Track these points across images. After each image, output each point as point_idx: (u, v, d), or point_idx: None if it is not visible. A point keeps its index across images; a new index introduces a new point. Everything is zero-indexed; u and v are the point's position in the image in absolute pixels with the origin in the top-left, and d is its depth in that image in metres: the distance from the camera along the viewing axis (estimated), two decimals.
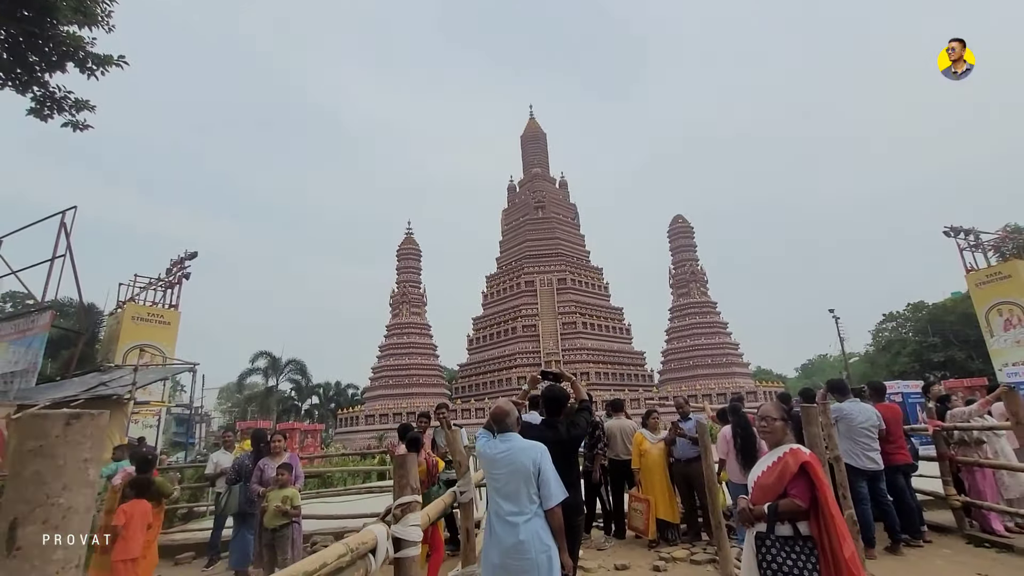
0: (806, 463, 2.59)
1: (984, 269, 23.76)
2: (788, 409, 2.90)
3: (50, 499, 0.60)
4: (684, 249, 50.31)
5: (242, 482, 5.62)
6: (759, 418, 2.84)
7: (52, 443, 0.63)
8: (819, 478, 2.54)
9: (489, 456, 3.01)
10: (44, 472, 0.61)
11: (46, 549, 0.58)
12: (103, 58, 11.91)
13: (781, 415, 2.84)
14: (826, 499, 2.49)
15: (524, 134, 62.72)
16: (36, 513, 0.58)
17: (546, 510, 2.84)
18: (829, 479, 2.60)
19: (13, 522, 0.57)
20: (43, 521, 0.58)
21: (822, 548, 2.45)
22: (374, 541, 1.58)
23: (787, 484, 2.60)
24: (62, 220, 15.34)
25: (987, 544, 5.31)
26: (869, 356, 53.77)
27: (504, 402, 3.30)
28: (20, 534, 0.57)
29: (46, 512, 0.59)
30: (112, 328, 21.00)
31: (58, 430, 0.65)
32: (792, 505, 2.55)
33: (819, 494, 2.51)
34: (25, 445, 0.61)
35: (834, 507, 2.49)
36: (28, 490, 0.59)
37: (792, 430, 2.82)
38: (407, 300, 48.22)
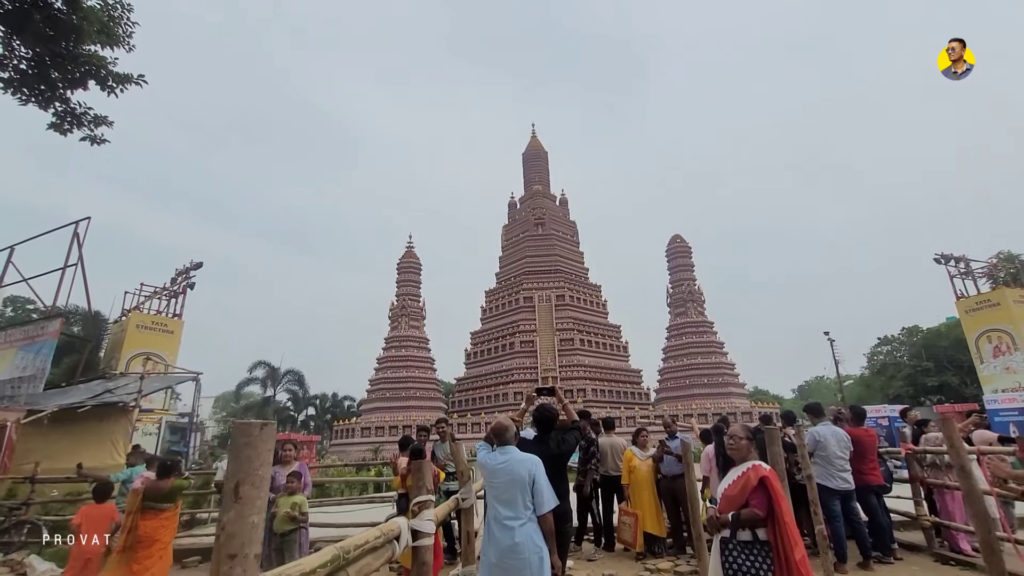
0: (764, 477, 2.98)
1: (974, 296, 24.28)
2: (755, 430, 3.28)
3: (254, 470, 1.02)
4: (682, 268, 50.87)
5: None
6: (727, 437, 3.23)
7: (255, 439, 1.04)
8: (775, 491, 2.92)
9: (489, 467, 3.38)
10: (251, 455, 1.03)
11: (253, 498, 1.00)
12: (123, 76, 12.49)
13: (746, 435, 3.24)
14: (781, 509, 2.87)
15: (526, 151, 63.71)
16: (248, 478, 1.01)
17: (539, 516, 3.21)
18: (787, 493, 2.97)
19: (237, 483, 0.99)
20: (251, 483, 1.00)
21: (776, 551, 2.83)
22: (399, 530, 1.96)
23: (748, 495, 2.99)
24: (75, 230, 15.82)
25: (952, 562, 5.65)
26: (864, 379, 54.05)
27: (504, 418, 3.70)
28: (242, 490, 0.99)
29: (252, 478, 1.01)
30: (116, 335, 21.35)
31: (256, 431, 1.07)
32: (751, 514, 2.93)
33: (775, 505, 2.89)
34: (240, 440, 1.04)
35: (787, 516, 2.87)
36: (243, 465, 1.01)
37: (756, 448, 3.21)
38: (406, 313, 48.56)
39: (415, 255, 51.73)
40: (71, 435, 11.84)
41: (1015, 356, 21.99)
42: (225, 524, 1.01)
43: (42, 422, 10.98)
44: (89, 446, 11.99)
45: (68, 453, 11.13)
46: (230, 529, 1.00)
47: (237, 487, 1.02)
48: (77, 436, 11.88)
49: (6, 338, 15.58)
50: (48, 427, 11.28)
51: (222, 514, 1.03)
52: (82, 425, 12.12)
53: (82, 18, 10.20)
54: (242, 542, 1.00)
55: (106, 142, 13.46)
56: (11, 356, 14.69)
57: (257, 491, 1.03)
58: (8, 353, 14.85)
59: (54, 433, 11.49)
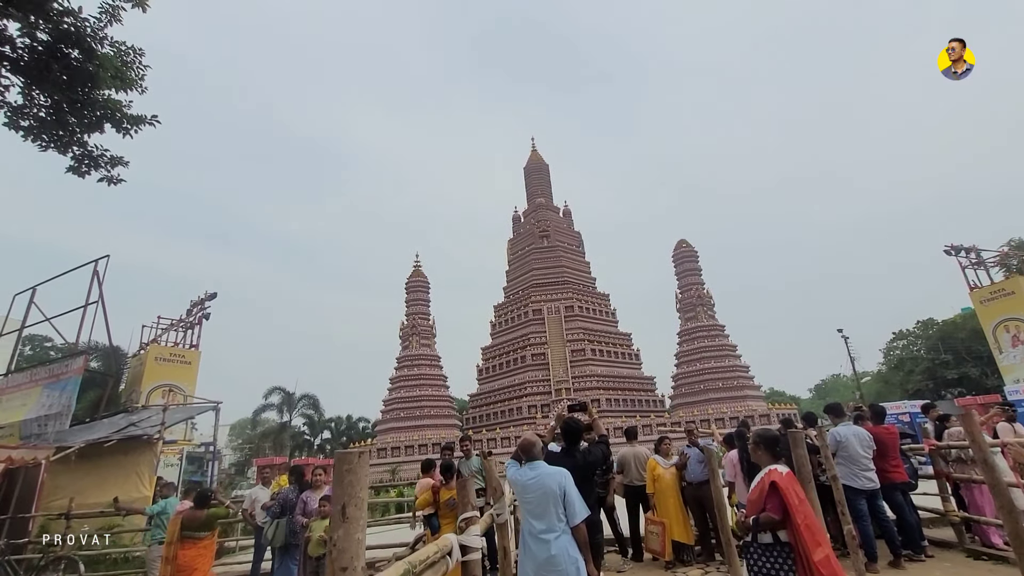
0: (773, 481, 3.09)
1: (988, 286, 24.04)
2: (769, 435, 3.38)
3: (356, 493, 1.18)
4: (690, 273, 50.83)
5: (287, 515, 6.08)
6: (750, 444, 3.35)
7: (355, 466, 1.20)
8: (784, 494, 3.01)
9: (520, 482, 3.50)
10: (352, 480, 1.19)
11: (357, 517, 1.16)
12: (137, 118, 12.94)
13: (756, 440, 3.36)
14: (793, 511, 2.95)
15: (527, 165, 64.36)
16: (351, 500, 1.17)
17: (572, 527, 3.31)
18: (804, 495, 3.02)
19: (343, 505, 1.15)
20: (355, 504, 1.16)
21: (797, 553, 2.92)
22: (450, 546, 2.09)
23: (764, 499, 3.10)
24: (95, 269, 16.20)
25: (985, 557, 5.64)
26: (882, 375, 53.33)
27: (530, 434, 3.83)
28: (348, 511, 1.14)
29: (355, 500, 1.17)
30: (135, 369, 21.68)
31: (355, 459, 1.23)
32: (767, 517, 3.05)
33: (788, 507, 2.98)
34: (342, 467, 1.20)
35: (801, 517, 2.93)
36: (347, 489, 1.17)
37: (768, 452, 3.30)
38: (417, 332, 48.77)
39: (423, 274, 52.10)
40: (98, 470, 12.04)
41: None
42: (336, 540, 1.16)
43: (70, 458, 11.18)
44: (116, 480, 12.18)
45: (96, 488, 11.31)
46: (341, 545, 1.15)
47: (344, 509, 1.17)
48: (104, 470, 12.07)
49: (31, 377, 15.90)
50: (75, 463, 11.47)
51: (332, 532, 1.18)
52: (108, 459, 12.32)
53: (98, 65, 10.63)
54: (351, 556, 1.14)
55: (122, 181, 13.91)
56: (36, 394, 14.97)
57: (359, 511, 1.18)
58: (34, 392, 15.14)
59: (81, 469, 11.69)
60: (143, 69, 12.58)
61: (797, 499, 3.00)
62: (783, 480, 3.07)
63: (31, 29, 9.72)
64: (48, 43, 10.26)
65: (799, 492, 3.05)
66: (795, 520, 2.94)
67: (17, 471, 10.07)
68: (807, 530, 2.91)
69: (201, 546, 5.78)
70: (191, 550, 5.78)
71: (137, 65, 12.33)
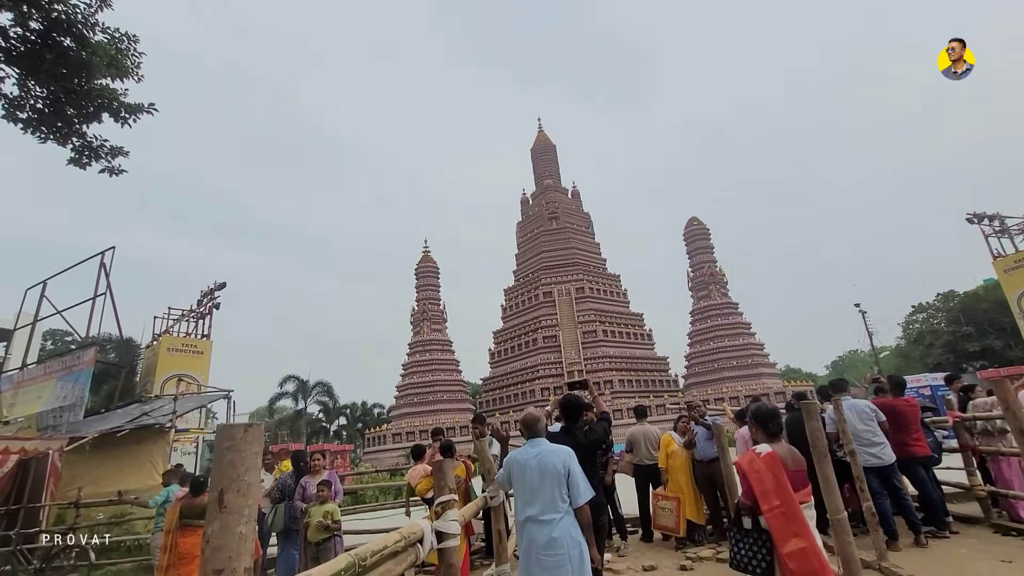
0: (736, 464, 2.86)
1: (1013, 255, 23.22)
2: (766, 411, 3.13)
3: (239, 477, 0.94)
4: (701, 251, 50.01)
5: (286, 500, 5.98)
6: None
7: (238, 442, 0.96)
8: (747, 477, 2.77)
9: (521, 461, 3.28)
10: (235, 460, 0.95)
11: (240, 507, 0.92)
12: (135, 107, 12.76)
13: (749, 419, 3.13)
14: (760, 496, 2.70)
15: (534, 147, 63.46)
16: (233, 485, 0.93)
17: (575, 508, 3.10)
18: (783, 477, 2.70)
19: (221, 491, 0.92)
20: (236, 490, 0.92)
21: (773, 541, 2.68)
22: (421, 533, 1.88)
23: (742, 482, 2.87)
24: (101, 260, 16.25)
25: (1014, 532, 5.34)
26: (901, 349, 52.39)
27: (533, 409, 3.59)
28: (227, 498, 0.91)
29: (237, 484, 0.93)
30: (149, 360, 21.91)
31: (240, 433, 0.99)
32: (741, 502, 2.82)
33: (752, 492, 2.74)
34: (223, 444, 0.96)
35: (770, 503, 2.66)
36: (227, 471, 0.94)
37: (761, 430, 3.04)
38: (427, 317, 48.84)
39: (432, 259, 51.98)
40: (112, 459, 12.17)
41: None
42: (210, 536, 0.93)
43: (84, 448, 11.29)
44: (130, 468, 12.33)
45: (111, 477, 11.45)
46: (215, 542, 0.93)
47: (221, 495, 0.94)
48: (118, 460, 12.21)
49: (45, 370, 16.11)
50: (90, 453, 11.59)
51: (207, 525, 0.95)
52: (122, 449, 12.45)
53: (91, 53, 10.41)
54: (229, 555, 0.92)
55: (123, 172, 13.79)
56: (51, 387, 15.17)
57: (244, 499, 0.95)
58: (48, 384, 15.35)
59: (96, 458, 11.81)
60: (138, 56, 12.33)
61: (770, 483, 2.69)
62: (747, 462, 2.81)
63: (23, 18, 9.53)
64: (41, 32, 10.05)
65: (777, 475, 2.71)
66: (761, 506, 2.68)
67: (30, 462, 10.18)
68: (780, 518, 2.63)
69: (201, 534, 5.70)
70: (191, 538, 5.70)
71: (132, 52, 12.08)
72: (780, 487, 2.66)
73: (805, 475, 2.84)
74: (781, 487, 2.66)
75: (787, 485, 2.66)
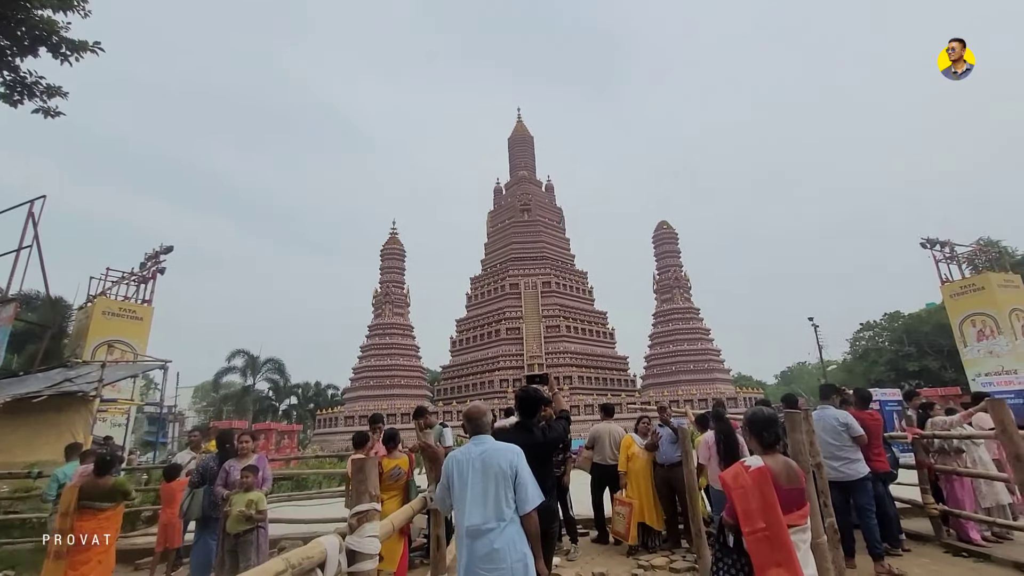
0: (721, 478, 2.54)
1: (959, 281, 24.32)
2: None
3: None
4: (668, 255, 50.63)
5: (206, 485, 5.35)
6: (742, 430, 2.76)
7: None
8: (730, 494, 2.45)
9: (463, 461, 2.86)
10: None
11: None
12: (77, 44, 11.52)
13: (744, 426, 2.76)
14: (742, 516, 2.36)
15: (511, 136, 62.72)
16: None
17: (522, 515, 2.71)
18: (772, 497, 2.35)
19: None
20: None
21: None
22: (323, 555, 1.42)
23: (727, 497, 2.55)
24: (30, 210, 14.81)
25: (964, 553, 5.29)
26: (847, 364, 54.74)
27: (479, 403, 3.17)
28: None
29: None
30: (81, 323, 20.34)
31: None
32: (724, 518, 2.51)
33: (734, 511, 2.40)
34: None
35: (752, 525, 2.32)
36: None
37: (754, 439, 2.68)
38: (390, 300, 47.71)
39: (399, 241, 50.73)
40: (27, 427, 11.09)
41: (998, 340, 22.10)
42: None
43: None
44: (47, 438, 11.25)
45: (24, 446, 10.44)
46: None
47: None
48: (34, 428, 11.13)
49: None
50: (1, 419, 10.52)
51: None
52: (39, 417, 11.36)
53: None
54: None
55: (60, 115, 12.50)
56: None
57: None
58: None
59: (8, 425, 10.76)
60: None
61: (756, 503, 2.34)
62: (732, 477, 2.47)
63: None
64: None
65: (766, 494, 2.35)
66: (743, 527, 2.34)
67: None
68: (763, 543, 2.28)
69: (103, 518, 5.00)
70: (91, 522, 5.00)
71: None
72: (767, 508, 2.31)
73: (802, 494, 2.50)
74: (768, 508, 2.31)
75: (775, 506, 2.31)
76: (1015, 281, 23.21)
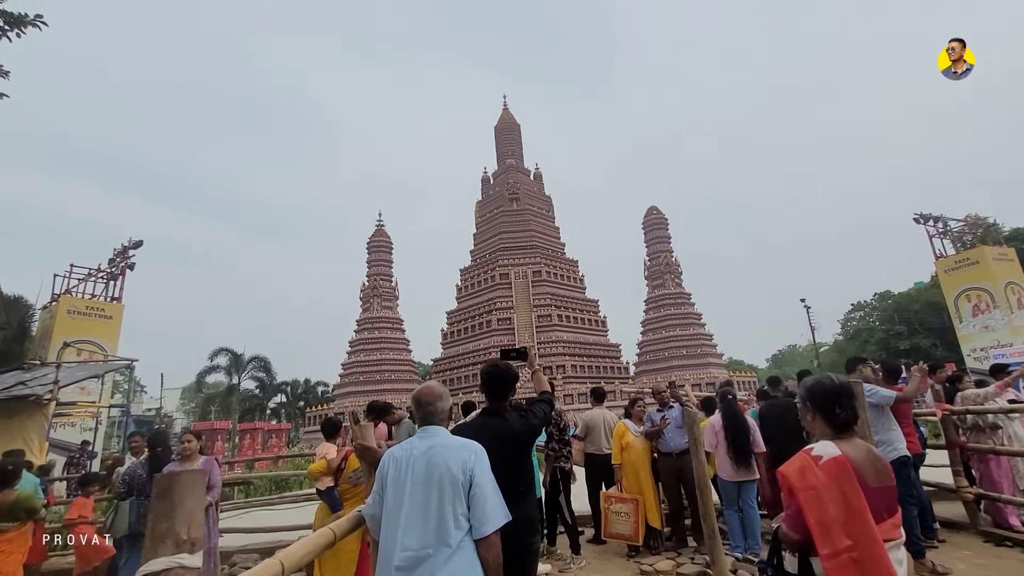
0: (781, 474, 1.77)
1: (953, 256, 23.97)
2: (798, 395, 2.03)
3: None
4: (659, 240, 50.15)
5: (133, 496, 4.57)
6: (799, 403, 1.99)
7: None
8: (799, 498, 1.68)
9: (402, 460, 2.08)
10: None
11: None
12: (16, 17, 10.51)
13: (805, 399, 1.96)
14: (817, 532, 1.62)
15: (498, 125, 61.59)
16: None
17: (478, 539, 1.96)
18: (861, 502, 1.62)
19: None
20: None
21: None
22: None
23: (785, 500, 1.79)
24: None
25: (1008, 543, 4.67)
26: (838, 345, 54.83)
27: (435, 384, 2.40)
28: None
29: None
30: (45, 323, 19.25)
31: None
32: (783, 531, 1.76)
33: (807, 523, 1.65)
34: None
35: (830, 545, 1.59)
36: None
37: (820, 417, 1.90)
38: (378, 294, 46.77)
39: (385, 233, 49.69)
40: None
41: (993, 314, 21.78)
42: None
43: None
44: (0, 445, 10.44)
45: None
46: None
47: None
48: None
49: None
50: None
51: None
52: None
53: None
54: None
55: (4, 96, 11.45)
56: None
57: None
58: None
59: None
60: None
61: (837, 509, 1.61)
62: (797, 472, 1.71)
63: None
64: None
65: (849, 496, 1.63)
66: (819, 546, 1.60)
67: None
68: (848, 569, 1.55)
69: (4, 539, 4.22)
70: None
71: None
72: (853, 517, 1.59)
73: (894, 495, 1.77)
74: (854, 517, 1.59)
75: (864, 513, 1.59)
76: (1009, 254, 22.88)
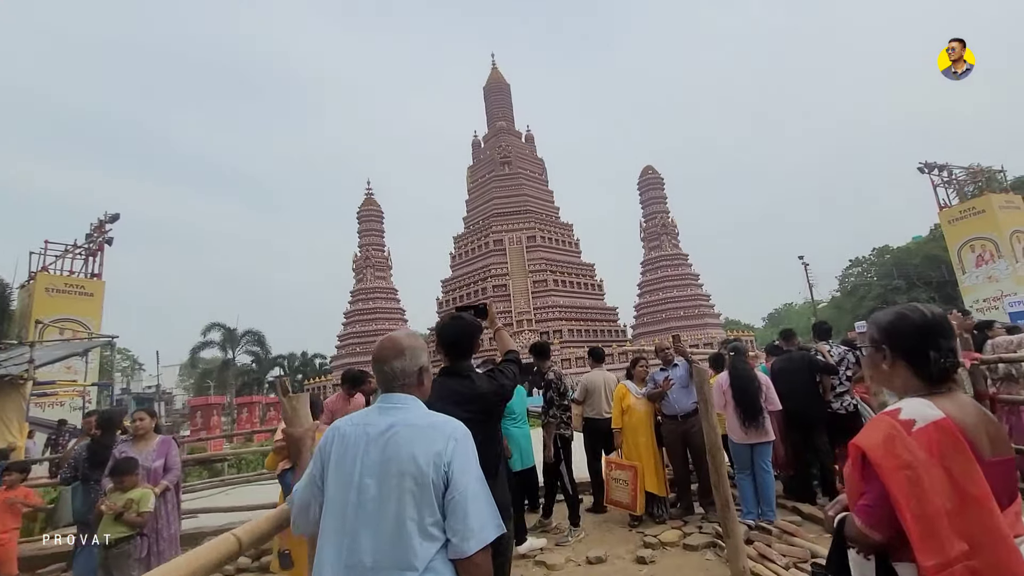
0: (863, 452, 1.17)
1: (958, 205, 23.37)
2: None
3: None
4: (654, 201, 49.24)
5: (78, 481, 4.10)
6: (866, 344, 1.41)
7: None
8: (885, 487, 1.11)
9: (348, 438, 1.45)
10: None
11: None
12: None
13: (874, 338, 1.38)
14: (911, 530, 1.06)
15: (487, 85, 59.49)
16: None
17: (458, 559, 1.32)
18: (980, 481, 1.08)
19: None
20: None
21: None
22: None
23: (858, 481, 1.21)
24: None
25: None
26: (836, 301, 54.68)
27: (401, 334, 1.62)
28: None
29: None
30: (24, 302, 18.64)
31: None
32: (853, 528, 1.19)
33: (900, 515, 1.08)
34: None
35: (936, 554, 1.04)
36: None
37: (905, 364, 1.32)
38: (370, 264, 46.13)
39: (375, 202, 48.63)
40: None
41: (998, 264, 21.35)
42: None
43: None
44: None
45: None
46: None
47: None
48: None
49: None
50: None
51: None
52: None
53: None
54: None
55: None
56: None
57: None
58: None
59: None
60: None
61: (943, 498, 1.07)
62: (883, 442, 1.14)
63: None
64: None
65: (961, 477, 1.08)
66: (920, 554, 1.06)
67: None
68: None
69: None
70: None
71: None
72: (970, 508, 1.05)
73: (1013, 470, 1.20)
74: (972, 507, 1.05)
75: (988, 503, 1.06)
76: (1016, 202, 22.31)
